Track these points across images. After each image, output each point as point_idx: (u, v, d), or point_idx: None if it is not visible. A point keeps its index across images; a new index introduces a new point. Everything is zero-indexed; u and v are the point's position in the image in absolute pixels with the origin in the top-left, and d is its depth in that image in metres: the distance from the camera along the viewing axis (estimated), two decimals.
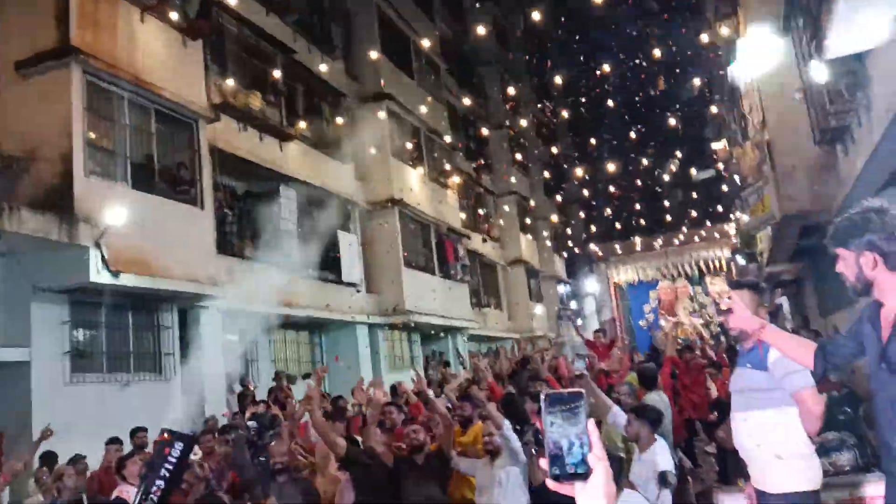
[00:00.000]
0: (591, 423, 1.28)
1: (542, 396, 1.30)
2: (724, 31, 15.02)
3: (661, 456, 4.35)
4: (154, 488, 4.96)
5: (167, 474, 4.98)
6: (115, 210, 9.26)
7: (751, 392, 3.45)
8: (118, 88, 10.16)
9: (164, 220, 10.36)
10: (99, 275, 9.08)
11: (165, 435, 5.39)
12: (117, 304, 10.11)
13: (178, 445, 5.08)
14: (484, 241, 25.49)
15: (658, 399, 6.31)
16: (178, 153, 11.39)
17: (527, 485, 4.81)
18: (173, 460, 5.05)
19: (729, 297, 2.93)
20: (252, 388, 12.30)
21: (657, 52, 25.30)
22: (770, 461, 3.35)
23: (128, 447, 7.29)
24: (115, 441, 7.05)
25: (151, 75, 10.60)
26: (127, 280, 9.48)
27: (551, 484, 1.28)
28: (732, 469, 5.03)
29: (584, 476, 1.26)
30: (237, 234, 12.98)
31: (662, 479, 4.04)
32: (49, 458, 7.04)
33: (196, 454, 6.12)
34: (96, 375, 9.61)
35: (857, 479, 3.67)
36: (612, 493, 1.27)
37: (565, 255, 35.16)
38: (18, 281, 9.06)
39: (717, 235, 34.15)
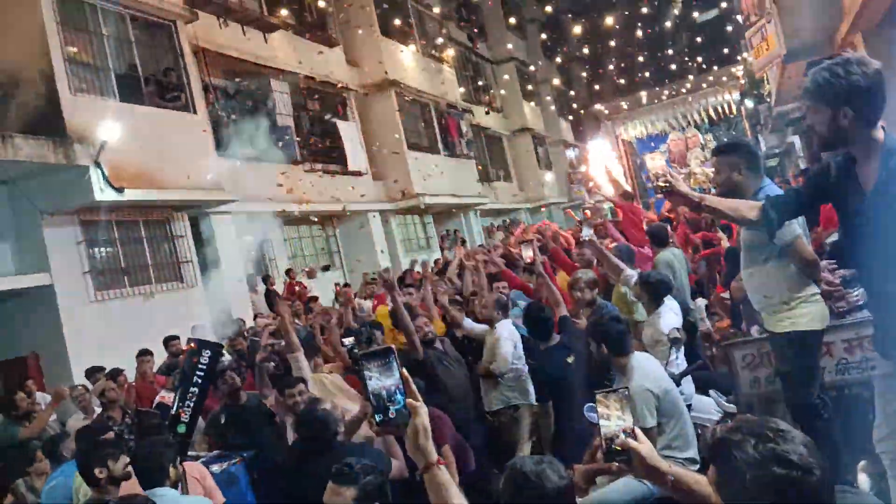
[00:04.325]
0: (404, 371, 1.48)
1: (358, 356, 1.45)
2: None
3: (664, 318, 4.43)
4: (189, 394, 5.22)
5: (199, 381, 5.23)
6: (108, 126, 9.11)
7: (751, 248, 3.51)
8: None
9: (159, 130, 10.20)
10: (103, 193, 9.07)
11: (192, 345, 5.60)
12: (127, 218, 10.18)
13: (206, 353, 5.29)
14: (486, 113, 24.98)
15: (671, 256, 6.32)
16: (162, 59, 11.06)
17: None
18: (203, 367, 5.27)
19: (665, 175, 2.90)
20: (274, 287, 12.62)
21: None
22: (778, 308, 3.47)
23: (160, 358, 7.53)
24: (145, 353, 7.28)
25: None
26: (132, 195, 9.48)
27: (377, 430, 1.46)
28: (745, 318, 5.12)
29: (405, 420, 1.47)
30: (235, 135, 12.79)
31: (671, 338, 4.15)
32: (95, 373, 7.23)
33: (225, 357, 6.33)
34: (119, 290, 9.81)
35: (863, 318, 3.74)
36: (428, 428, 1.49)
37: (571, 117, 34.49)
38: (26, 208, 9.09)
39: (724, 79, 33.19)
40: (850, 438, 3.18)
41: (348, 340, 5.85)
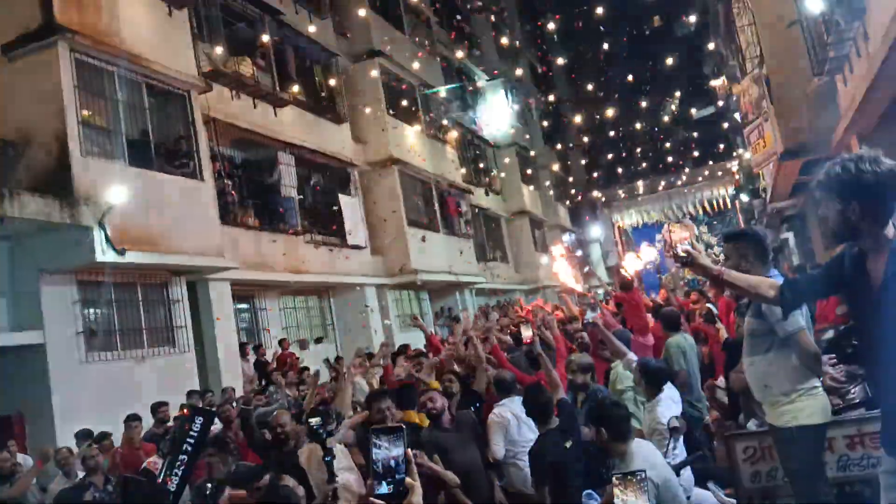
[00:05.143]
0: (409, 451, 1.54)
1: (371, 430, 1.57)
2: None
3: (661, 406, 4.41)
4: (178, 462, 5.10)
5: (190, 448, 5.11)
6: (115, 188, 9.23)
7: (753, 337, 3.56)
8: (107, 64, 10.02)
9: (165, 195, 10.33)
10: (104, 254, 9.10)
11: (185, 411, 5.52)
12: (125, 281, 10.16)
13: (199, 420, 5.20)
14: (486, 194, 25.39)
15: (683, 341, 6.21)
16: (173, 126, 11.30)
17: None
18: (195, 434, 5.17)
19: (687, 243, 2.97)
20: (265, 357, 12.50)
21: None
22: (778, 399, 3.50)
23: (147, 422, 7.39)
24: (134, 418, 7.15)
25: (140, 48, 10.44)
26: (133, 257, 9.50)
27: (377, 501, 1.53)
28: (744, 410, 5.10)
29: (402, 496, 1.52)
30: (239, 204, 12.96)
31: (670, 427, 4.12)
32: (84, 437, 7.05)
33: (216, 426, 6.22)
34: (111, 353, 9.69)
35: (865, 415, 3.74)
36: None
37: (568, 203, 35.05)
38: (25, 265, 9.09)
39: (720, 174, 34.02)
40: None
41: (315, 420, 5.35)
